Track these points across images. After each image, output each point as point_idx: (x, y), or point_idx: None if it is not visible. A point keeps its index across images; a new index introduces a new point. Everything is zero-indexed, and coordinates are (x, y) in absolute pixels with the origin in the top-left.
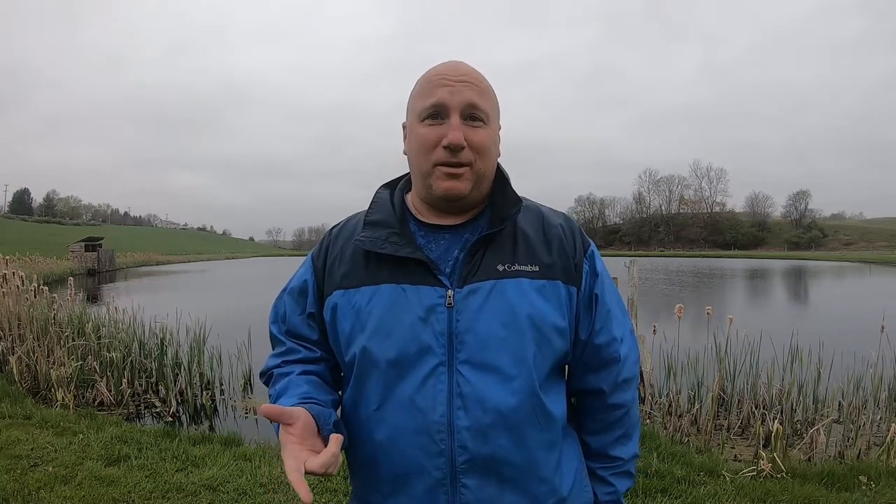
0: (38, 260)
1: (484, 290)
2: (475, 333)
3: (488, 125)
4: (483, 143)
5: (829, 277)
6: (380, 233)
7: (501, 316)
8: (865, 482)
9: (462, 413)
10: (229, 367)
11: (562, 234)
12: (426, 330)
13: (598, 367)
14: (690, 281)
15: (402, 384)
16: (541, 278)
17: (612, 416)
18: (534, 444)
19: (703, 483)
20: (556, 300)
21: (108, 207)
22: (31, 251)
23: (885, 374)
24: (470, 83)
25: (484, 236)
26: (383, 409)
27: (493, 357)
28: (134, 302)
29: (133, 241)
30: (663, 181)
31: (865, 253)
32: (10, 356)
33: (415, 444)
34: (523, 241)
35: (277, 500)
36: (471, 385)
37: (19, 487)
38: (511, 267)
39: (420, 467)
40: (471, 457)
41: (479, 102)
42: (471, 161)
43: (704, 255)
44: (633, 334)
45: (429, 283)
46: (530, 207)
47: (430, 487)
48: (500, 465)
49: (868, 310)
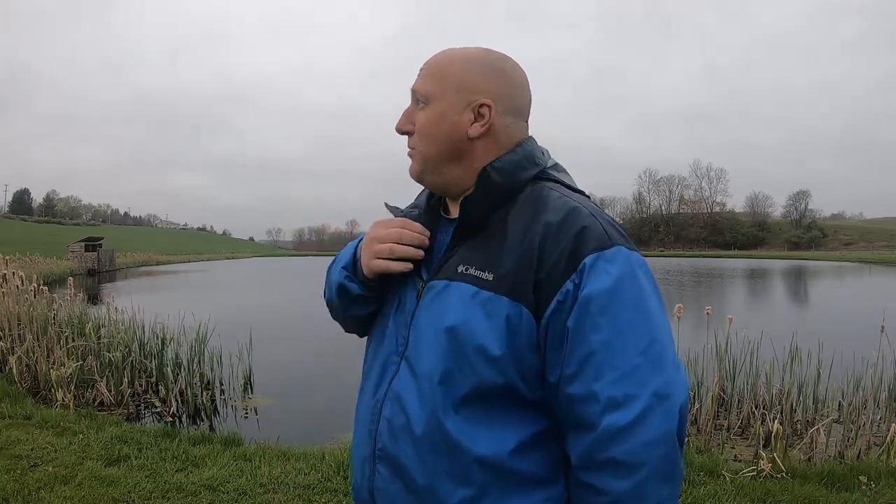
0: (38, 260)
1: (436, 289)
2: (416, 333)
3: (429, 105)
4: (418, 126)
5: (828, 277)
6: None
7: (433, 320)
8: (865, 482)
9: (388, 403)
10: (229, 367)
11: (537, 237)
12: (398, 317)
13: (569, 426)
14: (690, 281)
15: (376, 361)
16: (489, 289)
17: (588, 501)
18: (436, 469)
19: (703, 483)
20: (495, 319)
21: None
22: (31, 251)
23: (885, 374)
24: (425, 69)
25: (457, 230)
26: (365, 379)
27: (419, 361)
28: (134, 302)
29: (133, 241)
30: (663, 181)
31: (865, 253)
32: (9, 356)
33: (364, 417)
34: (499, 240)
35: (277, 500)
36: (399, 381)
37: (19, 487)
38: (468, 269)
39: (363, 438)
40: (383, 447)
41: (418, 86)
42: (414, 144)
43: (704, 255)
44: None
45: (417, 272)
46: (538, 199)
47: (363, 459)
48: (404, 470)
49: (868, 310)
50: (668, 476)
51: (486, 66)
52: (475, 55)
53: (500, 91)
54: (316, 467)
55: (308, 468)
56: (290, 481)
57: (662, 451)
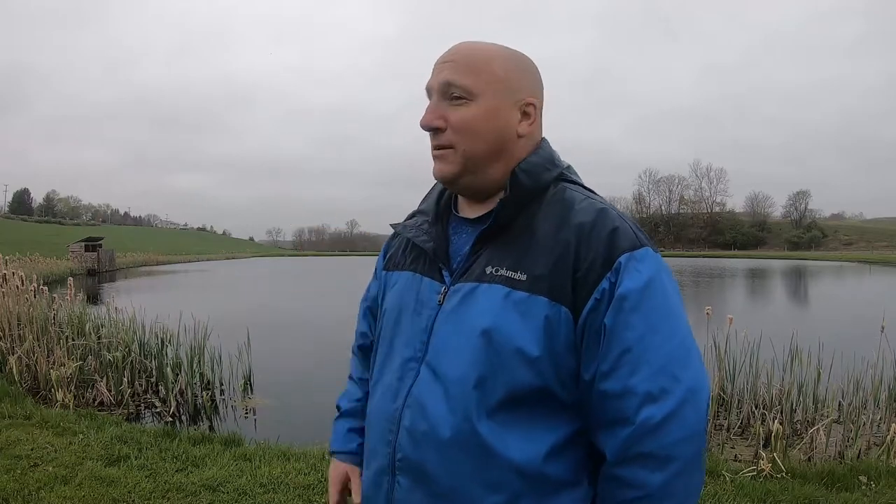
0: (38, 260)
1: (463, 291)
2: (439, 337)
3: (474, 102)
4: (461, 122)
5: (828, 277)
6: (417, 220)
7: (463, 324)
8: (865, 482)
9: (408, 412)
10: (229, 367)
11: (574, 237)
12: (416, 322)
13: (603, 423)
14: (690, 281)
15: (389, 368)
16: (524, 290)
17: (620, 497)
18: (467, 475)
19: (703, 483)
20: (532, 320)
21: (108, 207)
22: (31, 251)
23: (885, 374)
24: (454, 61)
25: (484, 232)
26: (376, 386)
27: (444, 366)
28: (134, 302)
29: (133, 241)
30: (663, 181)
31: (865, 253)
32: (9, 356)
33: (379, 427)
34: (528, 241)
35: (277, 500)
36: (420, 387)
37: (19, 487)
38: (498, 271)
39: (377, 448)
40: (405, 457)
41: (455, 79)
42: (452, 143)
43: (704, 255)
44: (691, 394)
45: (433, 276)
46: (565, 200)
47: (379, 470)
48: (427, 477)
49: (868, 310)
50: (698, 467)
51: (520, 64)
52: (508, 52)
53: (537, 90)
54: (316, 467)
55: (308, 468)
56: (290, 481)
57: (695, 444)
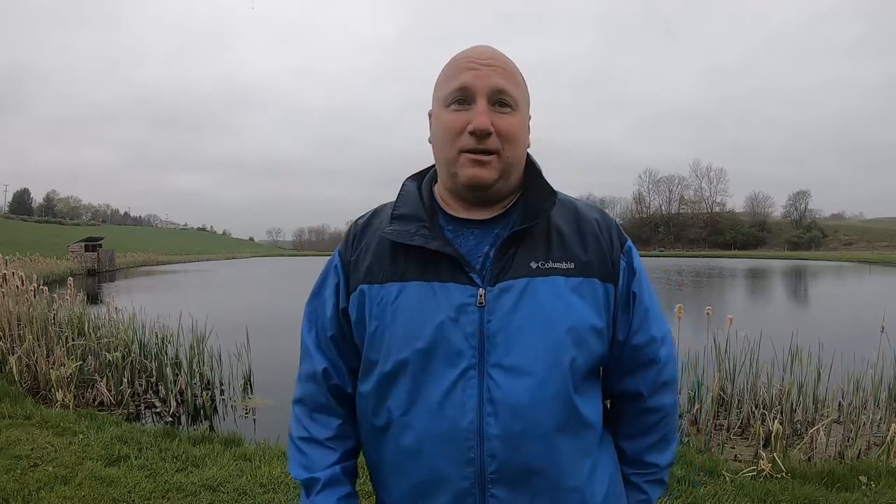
0: (38, 260)
1: (517, 288)
2: (507, 335)
3: (517, 111)
4: (511, 130)
5: (828, 277)
6: (409, 226)
7: (535, 316)
8: (865, 482)
9: (492, 420)
10: (229, 367)
11: (597, 230)
12: (456, 331)
13: (635, 368)
14: (690, 281)
15: (430, 388)
16: (577, 276)
17: (650, 421)
18: (567, 452)
19: (703, 483)
20: (592, 299)
21: (108, 207)
22: (31, 251)
23: (885, 374)
24: (498, 67)
25: (516, 232)
26: (409, 415)
27: (526, 361)
28: (134, 302)
29: (133, 241)
30: (663, 181)
31: (865, 253)
32: (9, 356)
33: (442, 452)
34: (557, 237)
35: (277, 500)
36: (502, 390)
37: (19, 487)
38: (545, 264)
39: (446, 476)
40: (501, 466)
41: (506, 87)
42: (498, 149)
43: (704, 255)
44: (669, 334)
45: (459, 280)
46: (563, 202)
47: (456, 497)
48: (532, 474)
49: (868, 310)
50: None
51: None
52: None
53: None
54: None
55: None
56: (290, 481)
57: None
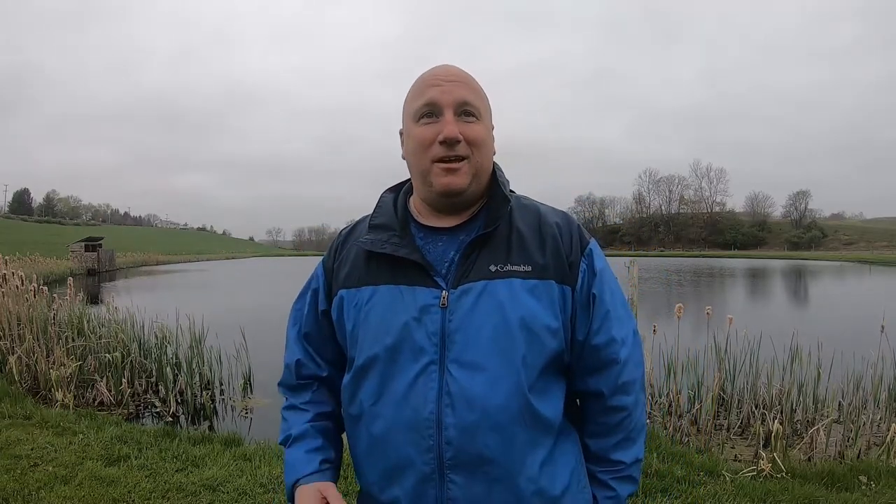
0: (38, 260)
1: (475, 290)
2: (465, 333)
3: (481, 120)
4: (478, 137)
5: (828, 277)
6: (381, 235)
7: (492, 316)
8: (865, 482)
9: (449, 410)
10: (229, 367)
11: (556, 233)
12: (419, 329)
13: (597, 368)
14: (690, 281)
15: (396, 381)
16: (533, 278)
17: (613, 420)
18: (520, 443)
19: (703, 483)
20: (548, 300)
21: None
22: (31, 251)
23: (885, 374)
24: (460, 82)
25: (478, 237)
26: (379, 405)
27: (482, 357)
28: (134, 302)
29: (133, 241)
30: (663, 181)
31: (865, 253)
32: (9, 356)
33: (406, 440)
34: (518, 240)
35: (277, 500)
36: (458, 384)
37: (19, 487)
38: (503, 267)
39: (411, 461)
40: (456, 453)
41: (470, 98)
42: (467, 154)
43: (704, 255)
44: (636, 335)
45: (424, 283)
46: (528, 206)
47: (419, 481)
48: (485, 462)
49: (868, 309)
50: (643, 386)
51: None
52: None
53: None
54: None
55: None
56: None
57: (642, 368)
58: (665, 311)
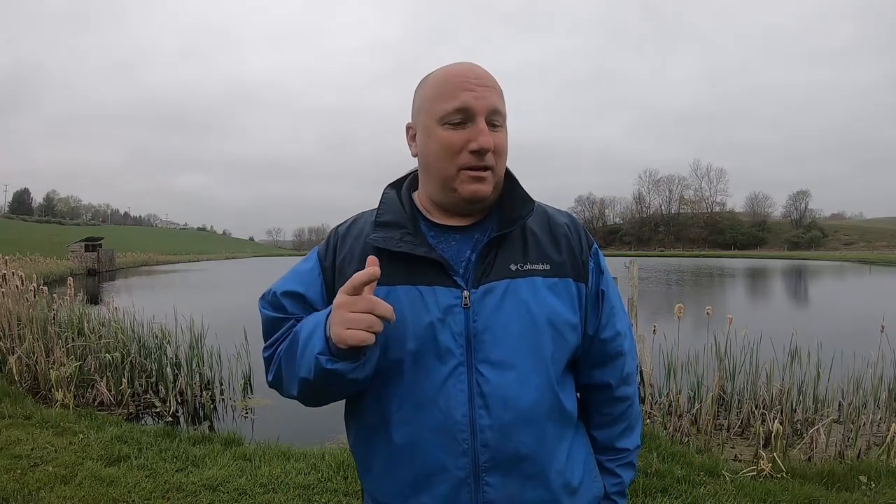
0: (38, 260)
1: (499, 289)
2: (493, 332)
3: (503, 127)
4: (502, 147)
5: (828, 277)
6: (393, 233)
7: (518, 314)
8: (865, 482)
9: (483, 412)
10: (229, 367)
11: (568, 233)
12: (444, 331)
13: (603, 361)
14: (690, 281)
15: (422, 385)
16: (552, 276)
17: (618, 410)
18: (551, 437)
19: (703, 483)
20: (567, 297)
21: (108, 207)
22: (31, 251)
23: (885, 374)
24: (492, 87)
25: (496, 237)
26: (404, 411)
27: (512, 355)
28: (134, 302)
29: (133, 241)
30: (663, 181)
31: (865, 253)
32: (9, 356)
33: (437, 445)
34: (533, 240)
35: (277, 500)
36: (491, 384)
37: (19, 487)
38: (523, 266)
39: (443, 467)
40: (493, 455)
41: (499, 106)
42: (492, 164)
43: (704, 255)
44: (631, 327)
45: (444, 283)
46: (535, 208)
47: (453, 487)
48: (522, 460)
49: (868, 309)
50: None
51: None
52: None
53: None
54: (316, 467)
55: (308, 468)
56: (290, 481)
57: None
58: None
